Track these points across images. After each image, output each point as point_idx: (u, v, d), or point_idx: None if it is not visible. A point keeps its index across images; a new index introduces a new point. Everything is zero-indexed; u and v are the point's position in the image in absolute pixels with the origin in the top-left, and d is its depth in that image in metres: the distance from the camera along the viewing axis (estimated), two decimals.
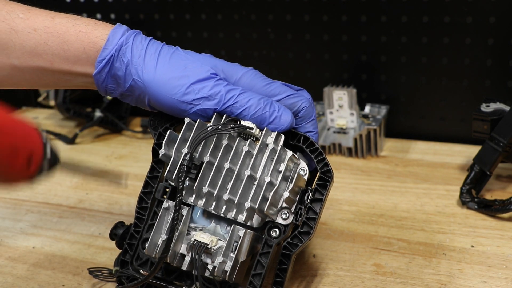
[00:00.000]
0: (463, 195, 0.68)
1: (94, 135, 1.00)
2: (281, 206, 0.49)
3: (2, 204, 0.76)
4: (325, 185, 0.50)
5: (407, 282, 0.55)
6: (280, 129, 0.50)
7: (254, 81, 0.51)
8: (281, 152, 0.49)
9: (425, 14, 0.81)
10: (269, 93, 0.51)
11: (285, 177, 0.49)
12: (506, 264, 0.57)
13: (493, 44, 0.79)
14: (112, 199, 0.76)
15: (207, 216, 0.50)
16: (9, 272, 0.60)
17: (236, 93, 0.49)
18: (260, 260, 0.49)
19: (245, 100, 0.49)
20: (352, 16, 0.85)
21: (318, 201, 0.50)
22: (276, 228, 0.49)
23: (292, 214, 0.49)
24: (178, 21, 0.96)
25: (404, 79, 0.87)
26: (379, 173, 0.79)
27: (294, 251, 0.49)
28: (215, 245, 0.48)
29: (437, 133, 0.88)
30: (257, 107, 0.49)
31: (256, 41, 0.93)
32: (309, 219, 0.49)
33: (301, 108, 0.51)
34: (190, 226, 0.49)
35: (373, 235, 0.64)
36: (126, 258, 0.53)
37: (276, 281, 0.49)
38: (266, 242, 0.49)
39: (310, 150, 0.51)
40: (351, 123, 0.83)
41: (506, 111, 0.69)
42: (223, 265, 0.47)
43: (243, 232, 0.47)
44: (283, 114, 0.50)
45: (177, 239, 0.48)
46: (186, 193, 0.49)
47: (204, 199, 0.48)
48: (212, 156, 0.48)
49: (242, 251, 0.47)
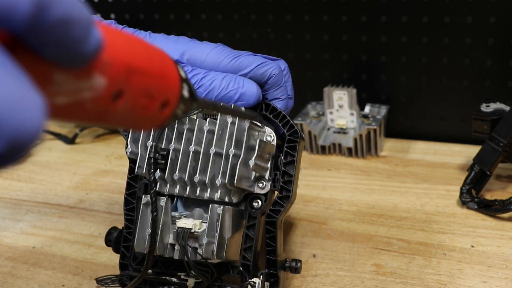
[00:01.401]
0: (463, 195, 0.68)
1: (94, 135, 1.00)
2: (255, 177, 0.49)
3: (2, 204, 0.76)
4: (294, 146, 0.50)
5: (407, 282, 0.55)
6: (248, 105, 0.49)
7: (220, 58, 0.50)
8: (240, 123, 0.49)
9: (425, 14, 0.81)
10: (237, 67, 0.50)
11: (250, 146, 0.49)
12: (506, 264, 0.57)
13: (493, 44, 0.79)
14: (112, 199, 0.76)
15: (189, 203, 0.51)
16: (9, 272, 0.60)
17: (199, 77, 0.49)
18: (248, 233, 0.49)
19: (208, 83, 0.48)
20: (352, 16, 0.85)
21: (290, 163, 0.50)
22: (258, 199, 0.50)
23: (268, 182, 0.50)
24: (178, 21, 0.96)
25: (404, 79, 0.87)
26: (379, 173, 0.79)
27: (278, 216, 0.49)
28: (199, 228, 0.48)
29: (437, 133, 0.88)
30: (220, 87, 0.48)
31: (256, 41, 0.93)
32: (286, 183, 0.50)
33: (271, 75, 0.50)
34: (174, 215, 0.50)
35: (373, 235, 0.64)
36: (125, 261, 0.53)
37: (268, 250, 0.50)
38: (250, 215, 0.50)
39: (273, 115, 0.51)
40: (351, 123, 0.83)
41: (506, 111, 0.69)
42: (211, 246, 0.47)
43: (221, 209, 0.47)
44: (248, 89, 0.49)
45: (163, 231, 0.48)
46: (161, 184, 0.49)
47: (178, 186, 0.49)
48: (177, 143, 0.49)
49: (225, 228, 0.47)
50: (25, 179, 0.83)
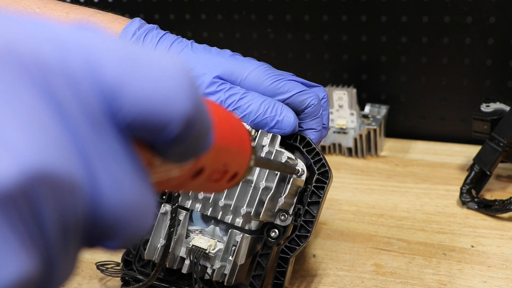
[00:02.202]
0: (463, 195, 0.68)
1: None
2: (278, 209, 0.49)
3: None
4: (322, 186, 0.49)
5: (407, 282, 0.55)
6: (283, 133, 0.48)
7: (262, 79, 0.49)
8: (277, 154, 0.48)
9: (425, 14, 0.81)
10: (278, 91, 0.48)
11: (282, 178, 0.49)
12: (506, 264, 0.57)
13: (493, 44, 0.79)
14: None
15: (206, 218, 0.50)
16: None
17: (236, 98, 0.47)
18: (260, 262, 0.49)
19: (245, 106, 0.47)
20: (352, 16, 0.85)
21: (315, 204, 0.49)
22: (276, 229, 0.49)
23: (290, 216, 0.49)
24: (178, 21, 0.96)
25: (404, 79, 0.87)
26: (379, 173, 0.79)
27: (292, 254, 0.49)
28: (214, 248, 0.48)
29: (437, 133, 0.88)
30: (257, 113, 0.47)
31: (256, 41, 0.93)
32: (306, 222, 0.49)
33: (309, 105, 0.49)
34: (189, 228, 0.50)
35: (373, 235, 0.64)
36: (130, 257, 0.53)
37: (275, 283, 0.49)
38: (265, 243, 0.49)
39: (306, 150, 0.50)
40: (351, 123, 0.83)
41: (506, 111, 0.69)
42: (222, 269, 0.47)
43: (240, 237, 0.47)
44: (285, 118, 0.48)
45: (176, 243, 0.48)
46: (183, 198, 0.49)
47: (201, 204, 0.49)
48: None
49: (240, 255, 0.47)
50: None
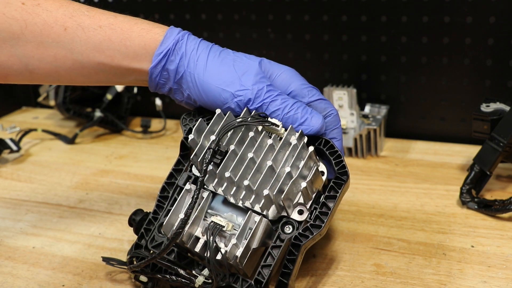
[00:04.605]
0: (463, 195, 0.68)
1: (94, 135, 1.00)
2: (297, 202, 0.50)
3: (2, 204, 0.76)
4: (340, 184, 0.51)
5: (407, 282, 0.55)
6: (311, 131, 0.52)
7: (292, 79, 0.55)
8: (302, 149, 0.51)
9: (425, 14, 0.81)
10: (304, 93, 0.54)
11: (302, 174, 0.50)
12: (506, 264, 0.57)
13: (493, 44, 0.79)
14: (112, 199, 0.76)
15: (225, 205, 0.52)
16: (9, 272, 0.60)
17: (274, 93, 0.52)
18: (271, 253, 0.50)
19: (281, 101, 0.52)
20: (352, 16, 0.85)
21: (332, 198, 0.51)
22: (290, 225, 0.50)
23: (307, 212, 0.51)
24: (178, 21, 0.96)
25: (404, 79, 0.87)
26: (379, 173, 0.79)
27: (304, 242, 0.49)
28: (230, 230, 0.49)
29: (437, 133, 0.88)
30: (291, 108, 0.52)
31: (256, 41, 0.93)
32: (322, 214, 0.50)
33: (329, 114, 0.54)
34: (208, 212, 0.51)
35: (373, 235, 0.64)
36: (142, 242, 0.54)
37: (283, 272, 0.49)
38: (278, 237, 0.50)
39: (329, 152, 0.52)
40: (351, 123, 0.83)
41: (506, 111, 0.69)
42: (235, 249, 0.47)
43: (258, 218, 0.48)
44: (314, 117, 0.52)
45: (193, 222, 0.49)
46: (208, 178, 0.51)
47: (224, 185, 0.50)
48: (238, 146, 0.50)
49: (255, 238, 0.48)
50: (25, 179, 0.83)
